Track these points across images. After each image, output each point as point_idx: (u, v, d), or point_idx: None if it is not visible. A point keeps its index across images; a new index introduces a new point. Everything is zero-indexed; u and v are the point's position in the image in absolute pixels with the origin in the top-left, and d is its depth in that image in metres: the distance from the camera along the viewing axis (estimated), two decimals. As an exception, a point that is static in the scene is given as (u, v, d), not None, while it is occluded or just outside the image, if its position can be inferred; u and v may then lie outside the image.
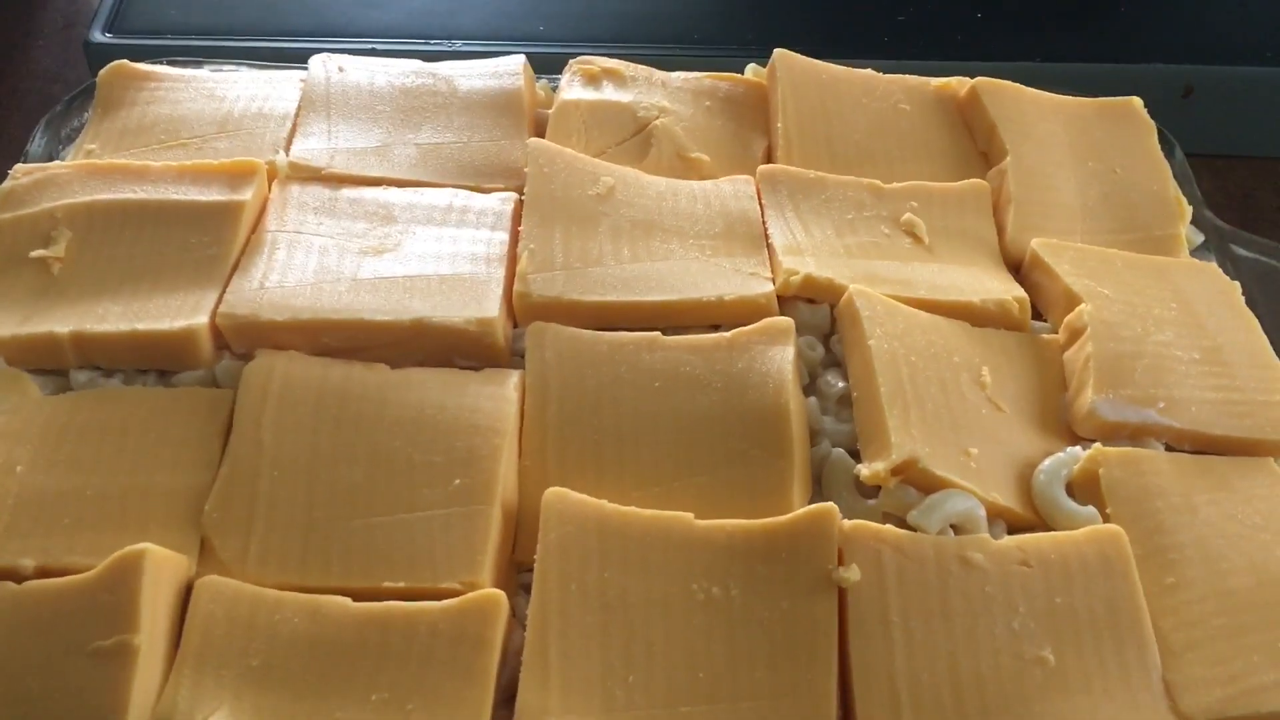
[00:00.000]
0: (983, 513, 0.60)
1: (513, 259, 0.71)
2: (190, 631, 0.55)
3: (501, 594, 0.55)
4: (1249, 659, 0.56)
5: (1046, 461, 0.63)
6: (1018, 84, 0.84)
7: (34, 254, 0.69)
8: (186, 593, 0.56)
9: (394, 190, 0.75)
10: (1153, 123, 0.84)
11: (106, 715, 0.51)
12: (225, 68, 0.88)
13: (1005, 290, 0.71)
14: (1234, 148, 1.05)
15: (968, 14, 1.12)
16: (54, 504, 0.59)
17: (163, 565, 0.55)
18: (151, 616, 0.54)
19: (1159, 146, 0.82)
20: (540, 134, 0.80)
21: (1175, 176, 0.81)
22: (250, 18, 1.11)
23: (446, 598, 0.55)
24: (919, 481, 0.60)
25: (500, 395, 0.63)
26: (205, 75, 0.85)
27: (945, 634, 0.55)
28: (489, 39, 1.09)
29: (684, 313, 0.68)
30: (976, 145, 0.82)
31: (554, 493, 0.58)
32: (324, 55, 0.85)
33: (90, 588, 0.54)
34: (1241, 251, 0.79)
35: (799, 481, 0.61)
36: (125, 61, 0.84)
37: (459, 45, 1.08)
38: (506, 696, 0.54)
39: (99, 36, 1.08)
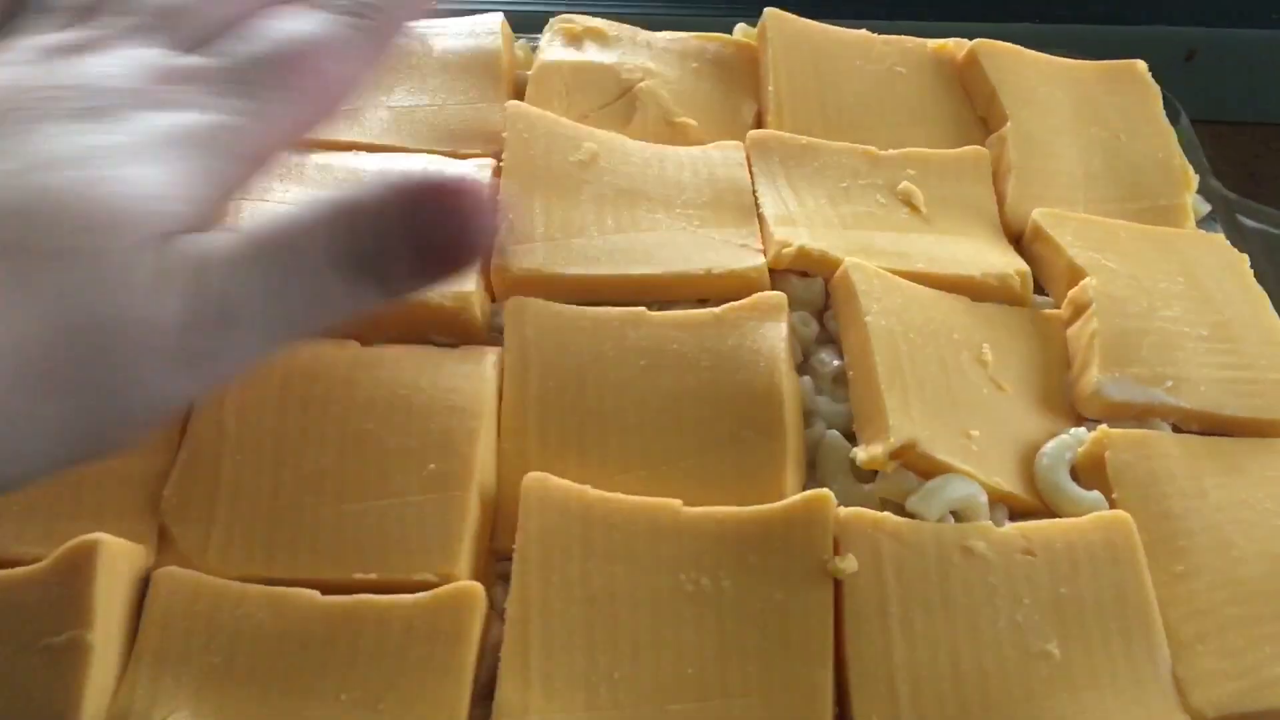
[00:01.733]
0: (984, 498, 0.57)
1: (490, 229, 0.67)
2: (147, 626, 0.52)
3: (479, 586, 0.52)
4: (1261, 651, 0.54)
5: (1050, 444, 0.60)
6: (1018, 46, 0.81)
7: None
8: (144, 585, 0.53)
9: (365, 155, 0.71)
10: (1157, 87, 0.81)
11: (58, 715, 0.48)
12: (188, 25, 0.83)
13: (1006, 263, 0.68)
14: (1238, 113, 1.02)
15: (963, -28, 1.08)
16: (2, 490, 0.55)
17: (118, 556, 0.52)
18: (106, 610, 0.51)
19: (1164, 112, 0.79)
20: (519, 96, 0.76)
21: (1180, 143, 0.78)
22: (215, -27, 1.06)
23: (421, 589, 0.52)
24: (918, 465, 0.57)
25: (477, 374, 0.60)
26: (165, 33, 0.80)
27: (946, 626, 0.53)
28: (465, -4, 1.04)
29: (671, 287, 0.65)
30: (975, 110, 0.79)
31: (534, 478, 0.55)
32: (291, 12, 0.81)
33: (40, 580, 0.51)
34: (1248, 222, 0.77)
35: (792, 465, 0.58)
36: (80, 18, 0.79)
37: (434, 2, 1.03)
38: (485, 693, 0.51)
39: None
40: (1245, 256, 0.71)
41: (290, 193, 0.68)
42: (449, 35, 0.80)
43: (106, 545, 0.51)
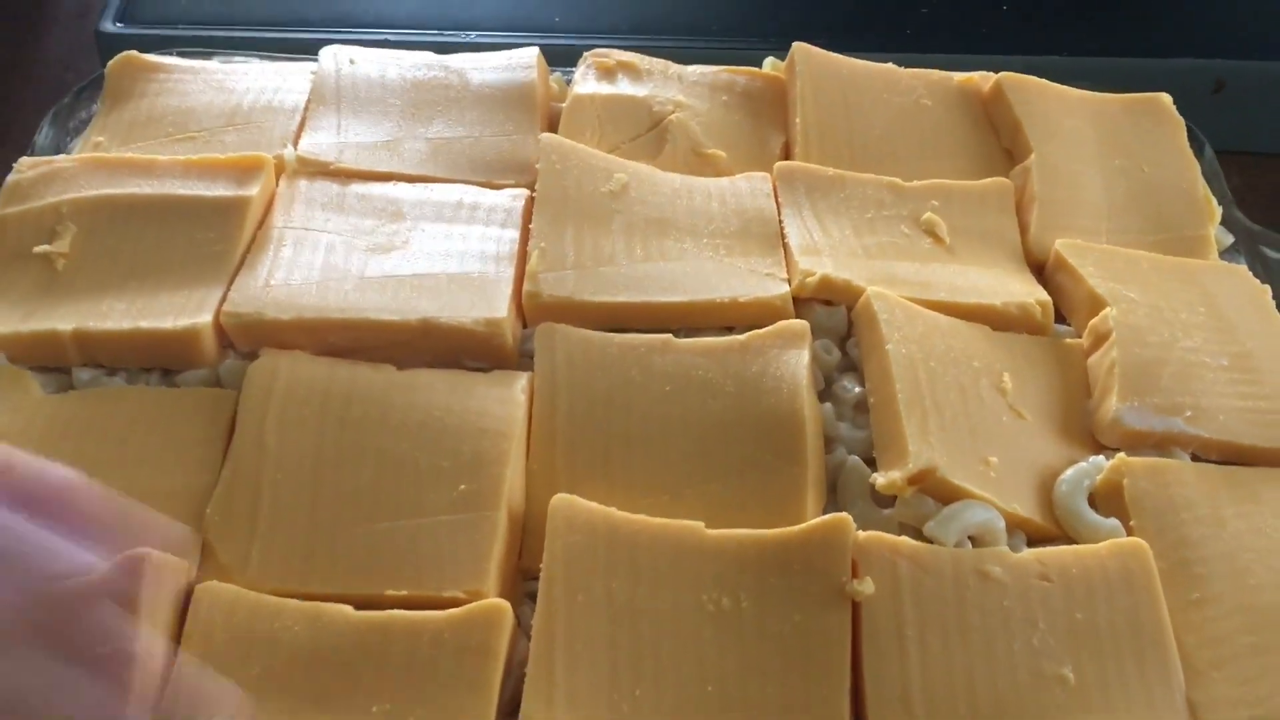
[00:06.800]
0: (1002, 524, 0.58)
1: (523, 257, 0.69)
2: (189, 639, 0.54)
3: (506, 604, 0.54)
4: (1276, 678, 0.54)
5: (1068, 471, 0.61)
6: (1043, 79, 0.82)
7: (37, 249, 0.68)
8: (186, 597, 0.55)
9: (403, 186, 0.73)
10: (1182, 120, 0.81)
11: (104, 722, 0.51)
12: (235, 59, 0.86)
13: (1027, 293, 0.69)
14: (1266, 145, 1.02)
15: (992, 6, 1.10)
16: (54, 505, 0.58)
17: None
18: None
19: (1189, 144, 0.80)
20: (554, 128, 0.78)
21: (1204, 175, 0.79)
22: (262, 7, 1.10)
23: (450, 606, 0.54)
24: (937, 491, 0.59)
25: (508, 398, 0.62)
26: (214, 67, 0.84)
27: (962, 650, 0.53)
28: (503, 30, 1.07)
29: (697, 314, 0.67)
30: (1000, 142, 0.80)
31: (561, 499, 0.57)
32: (335, 47, 0.84)
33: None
34: (1272, 254, 0.77)
35: (813, 489, 0.60)
36: (134, 53, 0.83)
37: (473, 36, 1.06)
38: (510, 708, 0.53)
39: (110, 26, 1.07)
40: (1268, 288, 0.72)
41: (331, 221, 0.70)
42: (486, 69, 0.82)
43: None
